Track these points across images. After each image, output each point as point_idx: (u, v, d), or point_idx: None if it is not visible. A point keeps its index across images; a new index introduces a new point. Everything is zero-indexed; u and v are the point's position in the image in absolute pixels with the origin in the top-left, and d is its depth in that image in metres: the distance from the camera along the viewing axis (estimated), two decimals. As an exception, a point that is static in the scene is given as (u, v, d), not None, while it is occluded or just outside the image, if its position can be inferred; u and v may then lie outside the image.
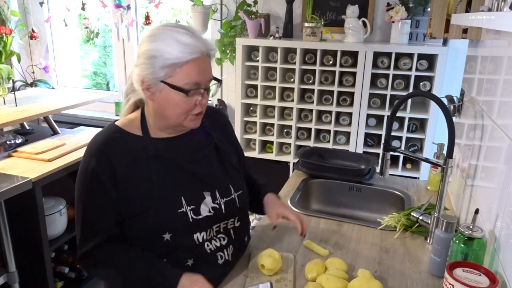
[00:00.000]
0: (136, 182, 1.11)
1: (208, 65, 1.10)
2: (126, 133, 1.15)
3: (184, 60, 1.04)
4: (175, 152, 1.16)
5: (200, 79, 1.08)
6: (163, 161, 1.14)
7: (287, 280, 1.17)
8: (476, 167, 1.31)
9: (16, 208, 1.99)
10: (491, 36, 1.31)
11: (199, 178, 1.17)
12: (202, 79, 1.08)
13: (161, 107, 1.11)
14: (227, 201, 1.20)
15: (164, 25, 1.11)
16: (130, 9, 3.20)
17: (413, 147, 2.54)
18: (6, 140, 2.27)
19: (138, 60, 1.09)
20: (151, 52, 1.05)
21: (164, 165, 1.14)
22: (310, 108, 2.63)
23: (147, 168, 1.12)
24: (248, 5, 2.70)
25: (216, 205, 1.17)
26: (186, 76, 1.06)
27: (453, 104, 1.67)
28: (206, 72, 1.10)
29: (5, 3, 3.27)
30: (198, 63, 1.06)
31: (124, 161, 1.11)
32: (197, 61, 1.06)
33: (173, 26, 1.09)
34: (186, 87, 1.06)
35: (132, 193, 1.10)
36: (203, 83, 1.09)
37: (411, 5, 2.40)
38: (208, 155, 1.22)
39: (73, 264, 2.40)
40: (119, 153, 1.11)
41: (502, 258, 0.97)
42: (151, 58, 1.05)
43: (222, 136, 1.29)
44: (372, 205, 1.80)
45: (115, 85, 3.49)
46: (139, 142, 1.14)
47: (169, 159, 1.15)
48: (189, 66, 1.05)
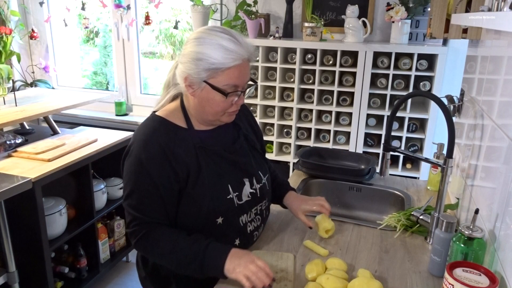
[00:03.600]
0: (188, 163, 1.19)
1: (247, 70, 1.19)
2: (172, 124, 1.23)
3: (227, 66, 1.12)
4: (217, 144, 1.26)
5: (239, 82, 1.16)
6: (208, 152, 1.23)
7: (287, 280, 1.16)
8: (476, 167, 1.31)
9: (16, 208, 1.99)
10: (491, 36, 1.31)
11: (239, 167, 1.28)
12: (241, 82, 1.17)
13: (201, 103, 1.19)
14: (261, 186, 1.33)
15: (210, 29, 1.18)
16: (130, 9, 3.20)
17: (413, 147, 2.54)
18: (6, 140, 2.27)
19: (184, 58, 1.17)
20: (197, 54, 1.13)
21: (209, 155, 1.23)
22: (310, 108, 2.63)
23: (195, 158, 1.20)
24: (248, 5, 2.70)
25: (253, 190, 1.30)
26: (227, 79, 1.14)
27: (453, 104, 1.67)
28: (245, 76, 1.18)
29: (5, 3, 3.27)
30: (239, 69, 1.15)
31: (173, 147, 1.18)
32: (238, 67, 1.14)
33: (219, 31, 1.16)
34: (225, 89, 1.15)
35: (184, 172, 1.18)
36: (241, 86, 1.18)
37: (411, 5, 2.40)
38: (242, 146, 1.33)
39: (73, 264, 2.41)
40: (169, 141, 1.18)
41: (502, 258, 0.97)
42: (197, 60, 1.13)
43: (246, 124, 1.40)
44: (372, 205, 1.80)
45: (115, 85, 3.49)
46: (186, 133, 1.22)
47: (212, 150, 1.24)
48: (230, 71, 1.13)
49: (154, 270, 1.34)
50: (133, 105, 3.44)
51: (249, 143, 1.36)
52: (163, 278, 1.32)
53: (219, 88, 1.14)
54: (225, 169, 1.25)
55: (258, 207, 1.33)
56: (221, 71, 1.13)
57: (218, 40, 1.12)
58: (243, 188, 1.27)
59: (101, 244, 2.50)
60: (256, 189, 1.31)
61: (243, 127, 1.36)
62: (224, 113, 1.20)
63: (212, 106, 1.18)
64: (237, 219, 1.27)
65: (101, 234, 2.50)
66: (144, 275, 1.38)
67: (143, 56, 3.48)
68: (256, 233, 1.35)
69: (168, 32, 4.35)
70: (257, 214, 1.34)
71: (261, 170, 1.36)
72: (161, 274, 1.32)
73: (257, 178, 1.32)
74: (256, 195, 1.31)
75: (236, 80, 1.15)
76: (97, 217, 2.41)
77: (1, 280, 2.01)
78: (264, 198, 1.36)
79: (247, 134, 1.36)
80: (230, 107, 1.19)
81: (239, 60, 1.13)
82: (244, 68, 1.16)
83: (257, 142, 1.41)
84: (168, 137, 1.19)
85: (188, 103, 1.25)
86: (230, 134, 1.32)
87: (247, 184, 1.29)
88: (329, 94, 2.59)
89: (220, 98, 1.16)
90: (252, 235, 1.33)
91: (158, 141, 1.18)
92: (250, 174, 1.30)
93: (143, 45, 3.53)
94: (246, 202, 1.28)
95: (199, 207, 1.20)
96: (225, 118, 1.23)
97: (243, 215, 1.28)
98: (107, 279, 2.64)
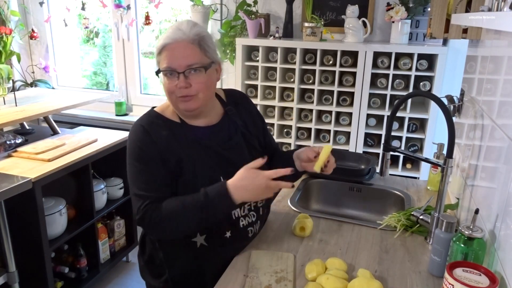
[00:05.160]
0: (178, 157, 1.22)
1: (182, 51, 1.18)
2: (165, 118, 1.27)
3: (160, 47, 1.19)
4: (211, 140, 1.28)
5: (169, 63, 1.18)
6: (202, 146, 1.26)
7: (287, 280, 1.17)
8: (476, 167, 1.31)
9: (16, 208, 1.99)
10: (491, 36, 1.31)
11: (233, 164, 1.25)
12: (173, 63, 1.18)
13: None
14: None
15: None
16: (130, 9, 3.20)
17: (413, 147, 2.54)
18: (6, 140, 2.27)
19: None
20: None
21: (202, 149, 1.26)
22: (310, 108, 2.63)
23: (187, 150, 1.23)
24: (248, 5, 2.70)
25: None
26: (162, 61, 1.20)
27: (453, 104, 1.67)
28: (177, 57, 1.18)
29: (5, 3, 3.27)
30: (169, 49, 1.18)
31: (165, 139, 1.22)
32: (169, 47, 1.18)
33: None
34: (163, 69, 1.20)
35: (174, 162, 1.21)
36: (174, 67, 1.18)
37: (411, 5, 2.40)
38: (239, 143, 1.33)
39: (73, 264, 2.41)
40: (161, 134, 1.23)
41: (502, 258, 0.97)
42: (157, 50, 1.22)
43: (247, 118, 1.39)
44: (372, 205, 1.80)
45: (115, 85, 3.49)
46: (179, 128, 1.26)
47: (206, 145, 1.26)
48: (164, 52, 1.19)
49: (150, 258, 1.36)
50: (133, 105, 3.45)
51: (246, 140, 1.35)
52: (158, 266, 1.34)
53: (159, 69, 1.20)
54: (219, 163, 1.26)
55: (252, 203, 1.33)
56: (158, 54, 1.20)
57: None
58: None
59: (101, 244, 2.50)
60: None
61: (240, 124, 1.36)
62: (176, 99, 1.22)
63: (165, 91, 1.23)
64: (229, 213, 1.27)
65: (101, 234, 2.50)
66: (142, 264, 1.41)
67: (143, 56, 3.48)
68: (251, 229, 1.34)
69: (168, 32, 4.34)
70: (251, 210, 1.33)
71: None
72: (156, 263, 1.34)
73: None
74: None
75: (167, 60, 1.18)
76: (97, 217, 2.41)
77: (1, 280, 2.01)
78: None
79: (245, 132, 1.36)
80: (175, 90, 1.20)
81: (169, 39, 1.17)
82: (177, 49, 1.18)
83: (256, 139, 1.40)
84: (162, 130, 1.23)
85: None
86: (226, 130, 1.33)
87: None
88: (329, 94, 2.59)
89: (165, 81, 1.20)
90: (245, 230, 1.32)
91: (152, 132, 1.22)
92: None
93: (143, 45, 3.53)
94: None
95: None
96: (181, 105, 1.23)
97: (236, 209, 1.28)
98: (107, 279, 2.64)
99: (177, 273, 1.32)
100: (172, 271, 1.32)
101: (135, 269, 2.78)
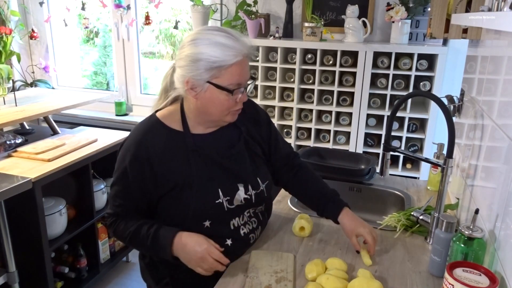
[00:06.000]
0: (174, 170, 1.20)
1: (248, 66, 1.20)
2: (167, 127, 1.23)
3: (229, 63, 1.12)
4: (211, 148, 1.25)
5: (241, 79, 1.16)
6: (201, 156, 1.23)
7: (287, 280, 1.16)
8: (476, 167, 1.31)
9: (16, 208, 1.99)
10: (491, 36, 1.31)
11: (233, 173, 1.26)
12: (243, 79, 1.17)
13: (205, 105, 1.19)
14: (257, 192, 1.30)
15: (204, 29, 1.19)
16: (130, 9, 3.20)
17: (413, 147, 2.54)
18: (6, 140, 2.27)
19: (181, 62, 1.16)
20: (196, 55, 1.12)
21: (202, 159, 1.23)
22: (310, 108, 2.62)
23: (186, 161, 1.21)
24: (248, 5, 2.70)
25: (247, 196, 1.28)
26: (230, 77, 1.14)
27: (453, 104, 1.67)
28: (247, 73, 1.19)
29: (5, 3, 3.27)
30: (241, 65, 1.15)
31: (162, 152, 1.20)
32: (240, 63, 1.14)
33: (213, 29, 1.16)
34: (230, 87, 1.15)
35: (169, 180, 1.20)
36: (243, 83, 1.18)
37: (411, 5, 2.40)
38: (240, 151, 1.30)
39: (73, 264, 2.41)
40: (159, 145, 1.20)
41: (502, 258, 0.97)
42: (196, 61, 1.12)
43: (251, 125, 1.35)
44: (372, 205, 1.80)
45: (115, 85, 3.49)
46: (180, 137, 1.23)
47: (206, 154, 1.24)
48: (233, 68, 1.13)
49: (151, 261, 1.36)
50: (133, 105, 3.44)
51: (249, 148, 1.32)
52: (159, 270, 1.33)
53: (224, 87, 1.14)
54: (217, 173, 1.24)
55: (251, 210, 1.31)
56: (224, 69, 1.12)
57: (214, 38, 1.12)
58: (236, 193, 1.25)
59: (101, 244, 2.50)
60: (252, 195, 1.28)
61: (244, 130, 1.32)
62: (229, 113, 1.20)
63: (217, 106, 1.18)
64: (227, 223, 1.26)
65: (101, 234, 2.50)
66: (143, 266, 1.40)
67: (143, 56, 3.48)
68: (252, 235, 1.32)
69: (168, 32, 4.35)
70: (251, 217, 1.32)
71: (260, 176, 1.32)
72: (157, 266, 1.34)
73: (253, 184, 1.29)
74: (251, 201, 1.29)
75: (239, 77, 1.15)
76: (97, 217, 2.41)
77: (1, 280, 2.01)
78: (260, 204, 1.34)
79: (248, 140, 1.33)
80: (235, 105, 1.19)
81: (240, 56, 1.13)
82: (246, 64, 1.17)
83: (259, 146, 1.36)
84: (160, 140, 1.21)
85: (188, 106, 1.24)
86: (228, 138, 1.29)
87: (241, 190, 1.27)
88: (329, 94, 2.59)
89: (225, 97, 1.16)
90: (247, 237, 1.30)
91: (148, 143, 1.20)
92: (244, 180, 1.28)
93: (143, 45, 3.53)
94: (237, 206, 1.26)
95: (185, 210, 1.21)
96: (229, 118, 1.22)
97: (235, 219, 1.27)
98: (107, 279, 2.64)
99: (178, 277, 1.31)
100: (173, 275, 1.31)
101: (135, 269, 2.78)
